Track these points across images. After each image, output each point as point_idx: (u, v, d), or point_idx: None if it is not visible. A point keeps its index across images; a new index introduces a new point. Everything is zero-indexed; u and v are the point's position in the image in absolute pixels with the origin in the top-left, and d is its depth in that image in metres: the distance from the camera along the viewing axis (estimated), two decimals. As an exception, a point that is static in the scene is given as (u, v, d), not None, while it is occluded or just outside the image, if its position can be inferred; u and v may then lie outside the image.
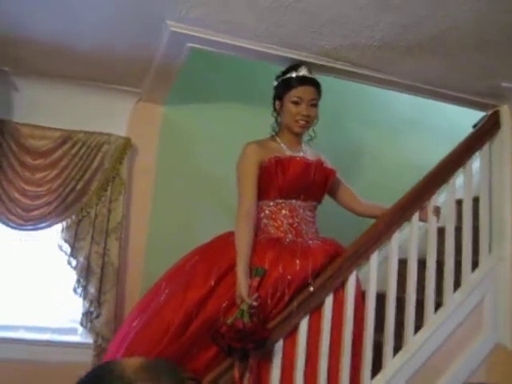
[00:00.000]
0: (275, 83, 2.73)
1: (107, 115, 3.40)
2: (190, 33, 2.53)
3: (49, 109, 3.29)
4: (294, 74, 2.66)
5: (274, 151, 2.65)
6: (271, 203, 2.63)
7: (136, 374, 1.03)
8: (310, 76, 2.66)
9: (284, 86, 2.66)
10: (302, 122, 2.64)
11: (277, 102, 2.71)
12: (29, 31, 2.70)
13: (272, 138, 2.75)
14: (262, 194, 2.62)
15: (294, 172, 2.60)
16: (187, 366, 2.30)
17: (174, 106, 3.56)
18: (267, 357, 2.36)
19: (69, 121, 3.27)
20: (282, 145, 2.70)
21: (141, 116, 3.50)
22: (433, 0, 2.18)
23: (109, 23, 2.58)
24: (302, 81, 2.63)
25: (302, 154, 2.70)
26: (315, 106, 2.66)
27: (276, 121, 2.76)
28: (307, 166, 2.64)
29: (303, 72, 2.65)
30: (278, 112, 2.73)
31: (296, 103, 2.62)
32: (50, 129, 3.20)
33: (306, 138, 2.78)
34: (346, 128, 3.96)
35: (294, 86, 2.63)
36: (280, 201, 2.62)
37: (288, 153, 2.67)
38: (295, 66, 2.68)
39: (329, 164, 2.79)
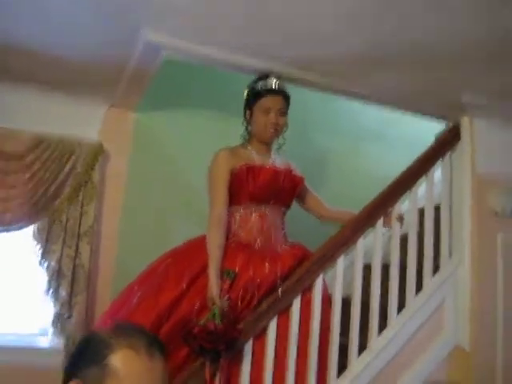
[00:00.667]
0: (245, 93, 2.82)
1: (80, 120, 3.42)
2: (164, 42, 2.59)
3: (22, 112, 3.28)
4: (262, 84, 2.74)
5: (245, 158, 2.74)
6: (241, 209, 2.71)
7: (109, 334, 1.20)
8: (279, 86, 2.75)
9: (253, 96, 2.75)
10: (271, 131, 2.74)
11: (247, 112, 2.80)
12: (1, 37, 2.73)
13: (243, 145, 2.84)
14: (233, 199, 2.70)
15: (264, 179, 2.69)
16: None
17: (147, 112, 3.60)
18: (237, 357, 2.43)
19: (42, 124, 3.28)
20: (253, 152, 2.79)
21: (113, 121, 3.52)
22: (400, 18, 2.30)
23: (83, 30, 2.61)
24: (271, 90, 2.73)
25: (271, 162, 2.80)
26: (284, 114, 2.76)
27: (246, 129, 2.84)
28: (276, 174, 2.74)
29: (272, 82, 2.74)
30: (248, 121, 2.82)
31: (265, 112, 2.72)
32: (22, 132, 3.21)
33: (275, 146, 2.88)
34: (311, 138, 4.06)
35: (263, 95, 2.72)
36: (250, 206, 2.71)
37: (258, 160, 2.76)
38: (264, 76, 2.77)
39: (297, 172, 2.89)
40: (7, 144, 3.16)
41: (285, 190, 2.77)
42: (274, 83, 2.74)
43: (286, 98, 2.78)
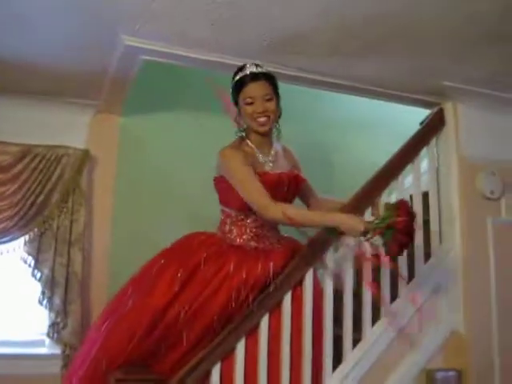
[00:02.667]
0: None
1: (66, 128, 3.44)
2: (143, 46, 2.62)
3: (8, 124, 3.30)
4: (240, 74, 2.56)
5: (249, 157, 2.57)
6: (236, 211, 2.61)
7: None
8: (258, 71, 2.54)
9: (235, 89, 2.57)
10: (261, 120, 2.52)
11: (237, 107, 2.62)
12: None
13: (242, 141, 2.64)
14: (229, 202, 2.63)
15: (267, 188, 2.49)
16: (154, 367, 2.37)
17: (132, 116, 3.61)
18: (231, 355, 2.43)
19: (28, 135, 3.30)
20: (255, 148, 2.62)
21: (99, 127, 3.54)
22: (375, 4, 2.29)
23: (64, 39, 2.64)
24: (250, 78, 2.53)
25: (271, 160, 2.65)
26: (271, 99, 2.54)
27: (239, 125, 2.64)
28: (279, 181, 2.61)
29: (250, 69, 2.55)
30: (239, 116, 2.62)
31: (250, 103, 2.52)
32: (9, 144, 3.24)
33: (274, 134, 2.67)
34: (298, 131, 4.02)
35: (243, 85, 2.53)
36: (245, 210, 2.58)
37: (261, 158, 2.62)
38: (242, 65, 2.59)
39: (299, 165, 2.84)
40: (-6, 156, 3.17)
41: (288, 194, 2.66)
42: (252, 70, 2.53)
43: (270, 81, 2.57)
